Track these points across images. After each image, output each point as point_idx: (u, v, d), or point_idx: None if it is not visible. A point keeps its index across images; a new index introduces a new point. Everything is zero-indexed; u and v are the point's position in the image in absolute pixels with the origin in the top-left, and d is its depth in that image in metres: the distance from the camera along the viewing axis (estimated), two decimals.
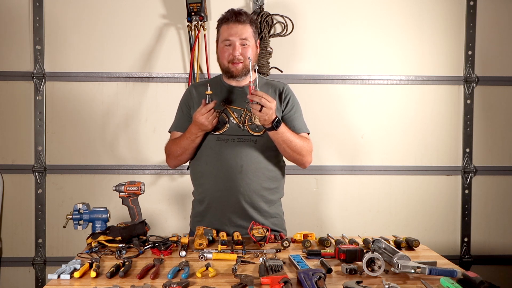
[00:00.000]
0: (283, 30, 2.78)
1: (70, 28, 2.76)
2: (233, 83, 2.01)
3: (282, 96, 2.02)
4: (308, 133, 2.05)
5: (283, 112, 2.00)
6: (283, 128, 1.85)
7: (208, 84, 1.89)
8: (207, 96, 1.86)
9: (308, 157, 1.98)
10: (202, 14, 2.63)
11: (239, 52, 1.93)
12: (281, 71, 2.77)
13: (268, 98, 1.76)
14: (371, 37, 2.83)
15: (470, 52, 2.84)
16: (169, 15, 2.78)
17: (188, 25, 2.70)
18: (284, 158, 2.05)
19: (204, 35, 2.72)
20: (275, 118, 1.81)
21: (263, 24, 2.68)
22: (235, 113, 1.96)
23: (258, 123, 1.89)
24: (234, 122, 1.95)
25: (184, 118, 2.04)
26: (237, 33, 1.93)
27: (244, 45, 1.94)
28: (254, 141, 1.93)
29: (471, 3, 2.82)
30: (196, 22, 2.68)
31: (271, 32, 2.76)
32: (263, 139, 1.94)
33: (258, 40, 2.06)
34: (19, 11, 2.74)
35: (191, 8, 2.64)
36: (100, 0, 2.76)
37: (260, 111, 1.75)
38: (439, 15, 2.84)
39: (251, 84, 1.80)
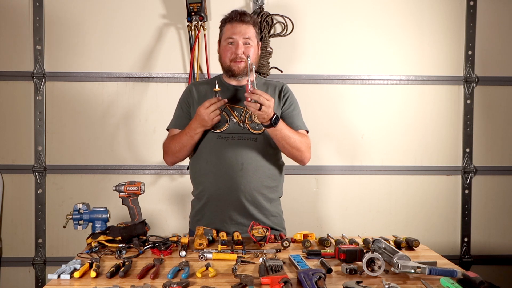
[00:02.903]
0: (283, 30, 2.78)
1: (70, 28, 2.76)
2: (233, 82, 2.02)
3: (281, 94, 2.03)
4: (307, 131, 2.06)
5: (282, 109, 2.01)
6: (281, 125, 1.86)
7: (216, 81, 1.90)
8: (215, 93, 1.87)
9: (307, 153, 1.99)
10: (202, 14, 2.63)
11: (242, 51, 1.93)
12: (281, 71, 2.77)
13: (266, 96, 1.77)
14: (371, 37, 2.83)
15: (470, 52, 2.84)
16: (169, 15, 2.78)
17: (188, 25, 2.70)
18: (283, 157, 2.06)
19: (204, 35, 2.72)
20: (274, 115, 1.81)
21: (263, 24, 2.68)
22: (235, 112, 1.96)
23: (258, 121, 1.90)
24: (235, 120, 1.95)
25: (183, 115, 2.04)
26: (240, 32, 1.94)
27: (247, 44, 1.95)
28: (254, 139, 1.94)
29: (471, 3, 2.83)
30: (196, 22, 2.68)
31: (271, 32, 2.76)
32: (263, 137, 1.94)
33: (260, 43, 2.08)
34: (19, 11, 2.74)
35: (191, 8, 2.64)
36: (100, 0, 2.76)
37: (259, 109, 1.76)
38: (439, 15, 2.84)
39: (249, 84, 1.80)
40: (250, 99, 1.76)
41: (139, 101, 2.80)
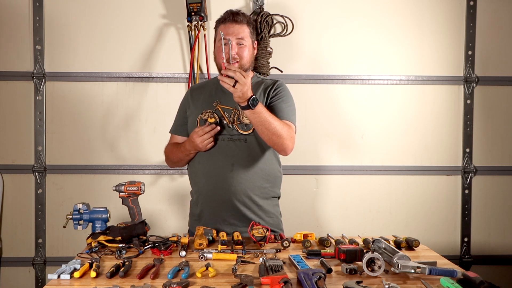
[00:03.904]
0: (283, 30, 2.78)
1: (70, 28, 2.76)
2: None
3: (273, 88, 2.00)
4: (295, 127, 1.98)
5: (270, 99, 1.98)
6: (260, 108, 1.80)
7: (215, 115, 1.93)
8: (208, 123, 1.90)
9: (288, 141, 1.88)
10: (202, 14, 2.64)
11: (235, 51, 1.93)
12: (281, 71, 2.77)
13: (243, 73, 1.73)
14: (371, 37, 2.82)
15: (470, 52, 2.84)
16: (169, 15, 2.78)
17: (188, 25, 2.70)
18: (282, 157, 2.05)
19: (204, 35, 2.72)
20: (251, 96, 1.76)
21: (263, 24, 2.68)
22: (226, 113, 1.97)
23: (247, 121, 1.90)
24: (225, 122, 1.96)
25: (180, 121, 2.11)
26: (233, 33, 1.95)
27: (241, 44, 1.96)
28: (244, 139, 1.94)
29: (471, 3, 2.82)
30: (196, 22, 2.68)
31: (271, 32, 2.76)
32: (253, 137, 1.94)
33: (256, 41, 2.08)
34: (19, 11, 2.74)
35: (191, 8, 2.64)
36: (100, 0, 2.76)
37: (234, 86, 1.72)
38: (439, 15, 2.84)
39: (224, 60, 1.79)
40: (225, 74, 1.73)
41: (139, 101, 2.80)
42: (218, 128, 1.91)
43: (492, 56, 2.86)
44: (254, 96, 1.78)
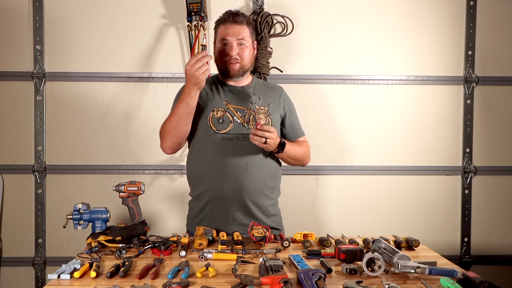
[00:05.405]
0: (283, 30, 2.78)
1: (70, 28, 2.76)
2: (231, 83, 2.02)
3: (281, 99, 2.07)
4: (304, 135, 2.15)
5: (282, 118, 2.06)
6: (288, 146, 1.94)
7: (205, 35, 1.92)
8: (201, 47, 1.87)
9: (307, 160, 2.13)
10: (202, 14, 2.64)
11: (236, 52, 1.93)
12: (281, 71, 2.77)
13: (269, 129, 1.82)
14: (371, 37, 2.83)
15: (470, 52, 2.84)
16: (169, 15, 2.78)
17: (188, 25, 2.70)
18: None
19: (204, 35, 2.72)
20: (279, 142, 1.88)
21: (263, 24, 2.68)
22: (238, 113, 1.96)
23: (262, 122, 1.92)
24: (238, 121, 1.95)
25: None
26: (234, 33, 1.94)
27: (241, 45, 1.95)
28: None
29: (471, 3, 2.83)
30: (196, 22, 2.68)
31: (271, 32, 2.76)
32: None
33: (256, 42, 2.08)
34: (19, 11, 2.74)
35: (191, 8, 2.64)
36: (100, 0, 2.76)
37: (264, 143, 1.82)
38: (439, 15, 2.84)
39: (260, 121, 1.88)
40: (255, 134, 1.82)
41: (139, 101, 2.80)
42: (211, 56, 1.86)
43: (492, 56, 2.87)
44: (283, 141, 1.91)
